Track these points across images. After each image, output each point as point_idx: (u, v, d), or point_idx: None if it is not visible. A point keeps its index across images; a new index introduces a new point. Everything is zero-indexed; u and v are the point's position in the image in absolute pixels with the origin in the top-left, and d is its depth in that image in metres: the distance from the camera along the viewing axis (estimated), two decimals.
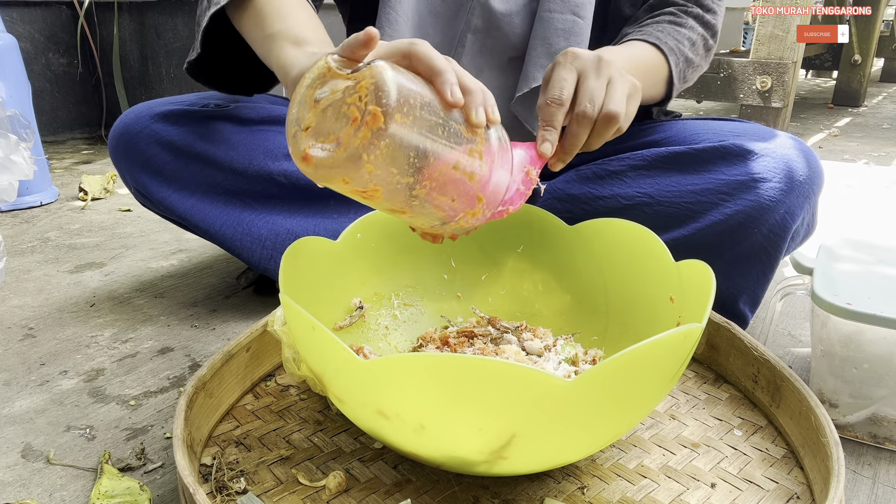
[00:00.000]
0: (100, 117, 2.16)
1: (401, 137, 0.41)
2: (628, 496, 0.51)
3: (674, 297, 0.57)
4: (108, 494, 0.54)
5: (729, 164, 0.69)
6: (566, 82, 0.54)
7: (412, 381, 0.42)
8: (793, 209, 0.68)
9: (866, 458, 0.60)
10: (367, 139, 0.40)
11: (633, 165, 0.74)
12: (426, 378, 0.41)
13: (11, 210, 1.37)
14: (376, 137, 0.40)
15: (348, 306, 0.65)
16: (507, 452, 0.43)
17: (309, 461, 0.54)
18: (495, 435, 0.42)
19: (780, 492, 0.52)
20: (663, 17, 0.74)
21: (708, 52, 0.77)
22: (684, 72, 0.73)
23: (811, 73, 4.20)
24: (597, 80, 0.55)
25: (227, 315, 0.89)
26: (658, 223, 0.62)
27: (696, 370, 0.68)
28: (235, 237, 0.81)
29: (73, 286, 0.99)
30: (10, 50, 1.35)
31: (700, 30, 0.75)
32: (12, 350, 0.80)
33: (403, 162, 0.42)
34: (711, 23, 0.76)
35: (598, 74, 0.55)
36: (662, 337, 0.41)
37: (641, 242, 0.61)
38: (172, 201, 0.79)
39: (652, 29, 0.72)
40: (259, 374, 0.65)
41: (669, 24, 0.73)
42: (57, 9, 2.02)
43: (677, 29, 0.73)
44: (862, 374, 0.60)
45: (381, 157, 0.41)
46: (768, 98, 1.91)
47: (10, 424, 0.65)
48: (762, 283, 0.74)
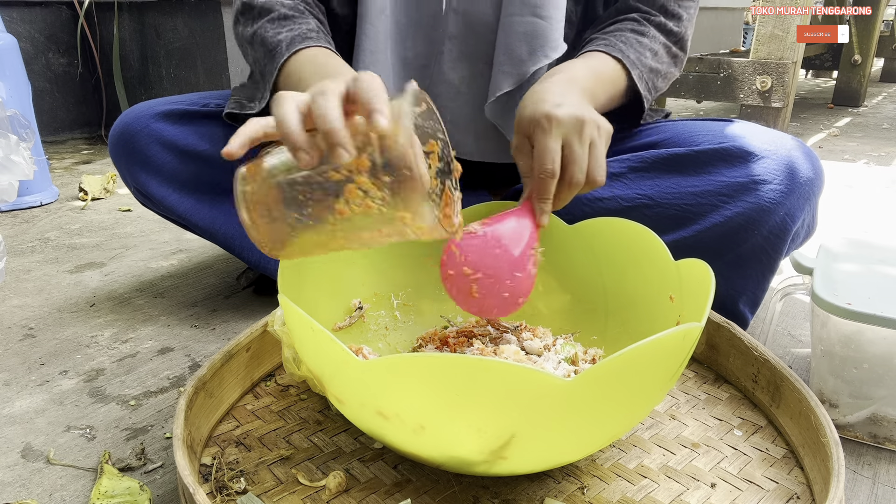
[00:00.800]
0: (100, 117, 2.16)
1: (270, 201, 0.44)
2: (628, 496, 0.51)
3: (673, 297, 0.57)
4: (108, 494, 0.54)
5: (729, 165, 0.69)
6: (555, 154, 0.57)
7: (411, 381, 0.42)
8: (793, 211, 0.68)
9: (866, 458, 0.60)
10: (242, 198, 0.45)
11: (633, 167, 0.74)
12: (425, 378, 0.41)
13: (11, 210, 1.37)
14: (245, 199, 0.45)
15: (348, 306, 0.65)
16: (507, 452, 0.43)
17: (309, 461, 0.54)
18: (495, 435, 0.42)
19: (780, 492, 0.52)
20: (625, 26, 0.74)
21: (675, 59, 0.77)
22: (651, 81, 0.73)
23: (811, 73, 4.20)
24: (581, 147, 0.57)
25: (227, 315, 0.89)
26: (658, 225, 0.62)
27: (696, 370, 0.68)
28: (235, 237, 0.81)
29: (73, 286, 0.99)
30: (10, 50, 1.35)
31: (662, 39, 0.74)
32: (12, 350, 0.80)
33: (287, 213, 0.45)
34: (675, 30, 0.75)
35: (581, 140, 0.57)
36: (662, 336, 0.40)
37: (641, 242, 0.61)
38: (172, 201, 0.79)
39: (615, 39, 0.72)
40: (259, 374, 0.65)
41: (632, 34, 0.73)
42: (57, 9, 2.02)
43: (639, 39, 0.72)
44: (862, 374, 0.60)
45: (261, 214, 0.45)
46: (768, 98, 1.91)
47: (10, 424, 0.65)
48: (762, 285, 0.73)
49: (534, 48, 0.72)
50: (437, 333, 0.66)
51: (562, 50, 0.74)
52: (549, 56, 0.72)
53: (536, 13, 0.71)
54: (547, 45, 0.72)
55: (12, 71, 1.35)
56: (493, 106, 0.76)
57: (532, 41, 0.72)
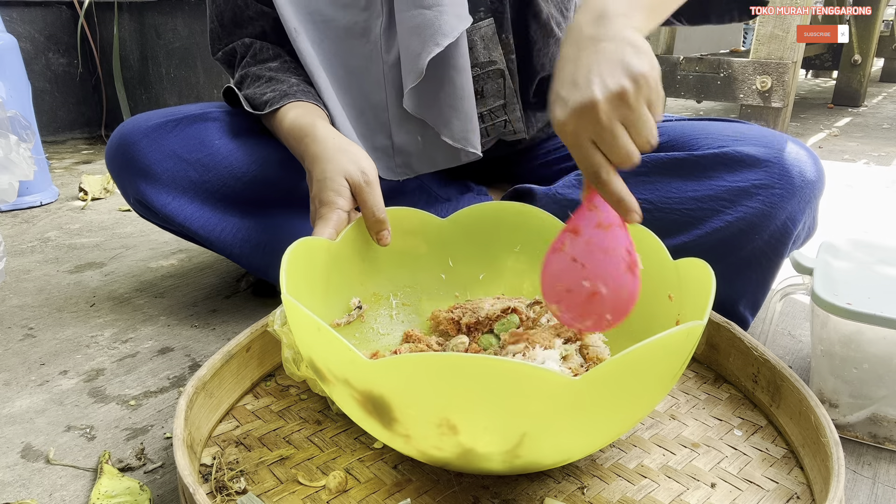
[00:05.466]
0: (100, 117, 2.16)
1: None
2: (628, 496, 0.51)
3: (672, 296, 0.57)
4: (108, 494, 0.54)
5: (730, 170, 0.69)
6: (587, 153, 0.49)
7: (420, 382, 0.42)
8: (794, 215, 0.68)
9: (866, 458, 0.60)
10: None
11: (633, 171, 0.74)
12: (434, 379, 0.41)
13: (11, 210, 1.37)
14: None
15: (347, 306, 0.65)
16: (520, 451, 0.44)
17: (309, 461, 0.54)
18: (505, 435, 0.43)
19: (780, 492, 0.52)
20: None
21: None
22: None
23: (811, 73, 4.19)
24: (608, 133, 0.48)
25: (227, 315, 0.89)
26: (659, 229, 0.62)
27: (696, 370, 0.68)
28: (235, 244, 0.81)
29: (73, 286, 0.99)
30: (10, 50, 1.35)
31: None
32: (12, 350, 0.80)
33: None
34: None
35: (602, 127, 0.48)
36: (667, 334, 0.41)
37: (638, 241, 0.61)
38: (172, 209, 0.79)
39: None
40: (259, 374, 0.65)
41: None
42: (57, 9, 2.02)
43: None
44: (862, 374, 0.60)
45: None
46: (768, 98, 1.91)
47: (10, 424, 0.65)
48: (763, 288, 0.73)
49: (424, 39, 0.71)
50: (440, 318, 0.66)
51: (456, 32, 0.72)
52: (439, 44, 0.71)
53: (422, 4, 0.71)
54: (437, 33, 0.71)
55: (12, 71, 1.35)
56: (413, 102, 0.76)
57: (422, 33, 0.71)
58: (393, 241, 0.66)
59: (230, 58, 0.84)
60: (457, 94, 0.75)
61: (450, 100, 0.76)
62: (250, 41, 0.82)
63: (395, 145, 0.81)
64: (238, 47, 0.82)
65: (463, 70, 0.75)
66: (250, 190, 0.80)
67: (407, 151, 0.81)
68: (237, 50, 0.83)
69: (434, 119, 0.77)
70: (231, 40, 0.83)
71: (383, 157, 0.81)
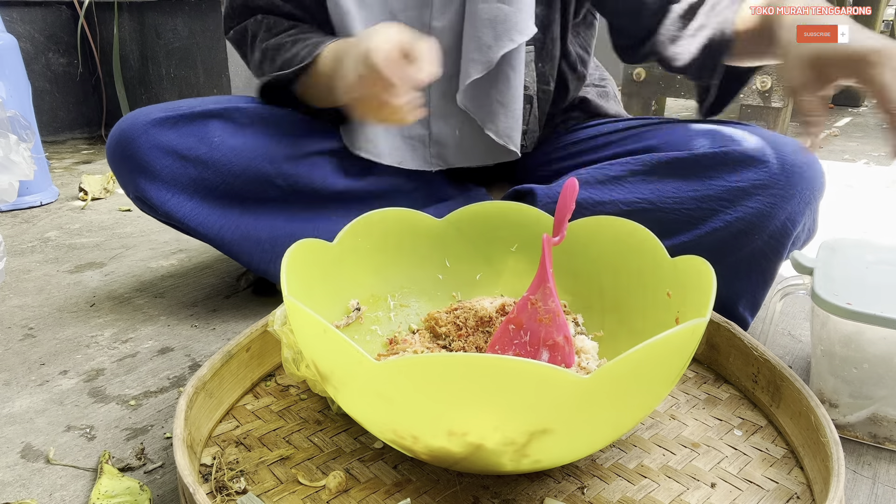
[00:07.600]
0: (100, 117, 2.16)
1: None
2: (628, 496, 0.51)
3: (671, 293, 0.57)
4: (108, 494, 0.54)
5: (731, 170, 0.69)
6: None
7: (427, 382, 0.42)
8: (794, 215, 0.68)
9: (866, 458, 0.60)
10: None
11: (633, 171, 0.74)
12: (443, 380, 0.41)
13: (11, 210, 1.37)
14: None
15: (346, 307, 0.65)
16: (528, 450, 0.44)
17: (309, 461, 0.54)
18: (514, 434, 0.43)
19: (780, 492, 0.52)
20: None
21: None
22: None
23: None
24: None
25: (227, 315, 0.89)
26: (659, 229, 0.62)
27: (696, 370, 0.68)
28: (234, 241, 0.81)
29: (73, 286, 0.99)
30: (10, 50, 1.35)
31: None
32: (12, 350, 0.80)
33: None
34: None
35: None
36: (673, 332, 0.41)
37: (636, 240, 0.61)
38: (171, 206, 0.79)
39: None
40: (259, 374, 0.65)
41: None
42: (57, 9, 2.02)
43: None
44: (862, 374, 0.60)
45: None
46: (768, 98, 1.91)
47: (10, 424, 0.65)
48: (762, 288, 0.73)
49: (499, 33, 0.72)
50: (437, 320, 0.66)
51: (530, 32, 0.74)
52: (514, 40, 0.73)
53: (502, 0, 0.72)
54: (513, 30, 0.73)
55: (12, 71, 1.35)
56: (466, 94, 0.77)
57: (497, 27, 0.72)
58: (391, 242, 0.66)
59: (241, 37, 0.84)
60: (510, 93, 0.77)
61: (501, 97, 0.77)
62: (262, 17, 0.82)
63: (433, 135, 0.81)
64: (250, 25, 0.83)
65: (520, 71, 0.77)
66: (250, 187, 0.80)
67: (443, 143, 0.82)
68: (248, 28, 0.83)
69: (482, 113, 0.78)
70: (244, 18, 0.84)
71: (418, 147, 0.82)
